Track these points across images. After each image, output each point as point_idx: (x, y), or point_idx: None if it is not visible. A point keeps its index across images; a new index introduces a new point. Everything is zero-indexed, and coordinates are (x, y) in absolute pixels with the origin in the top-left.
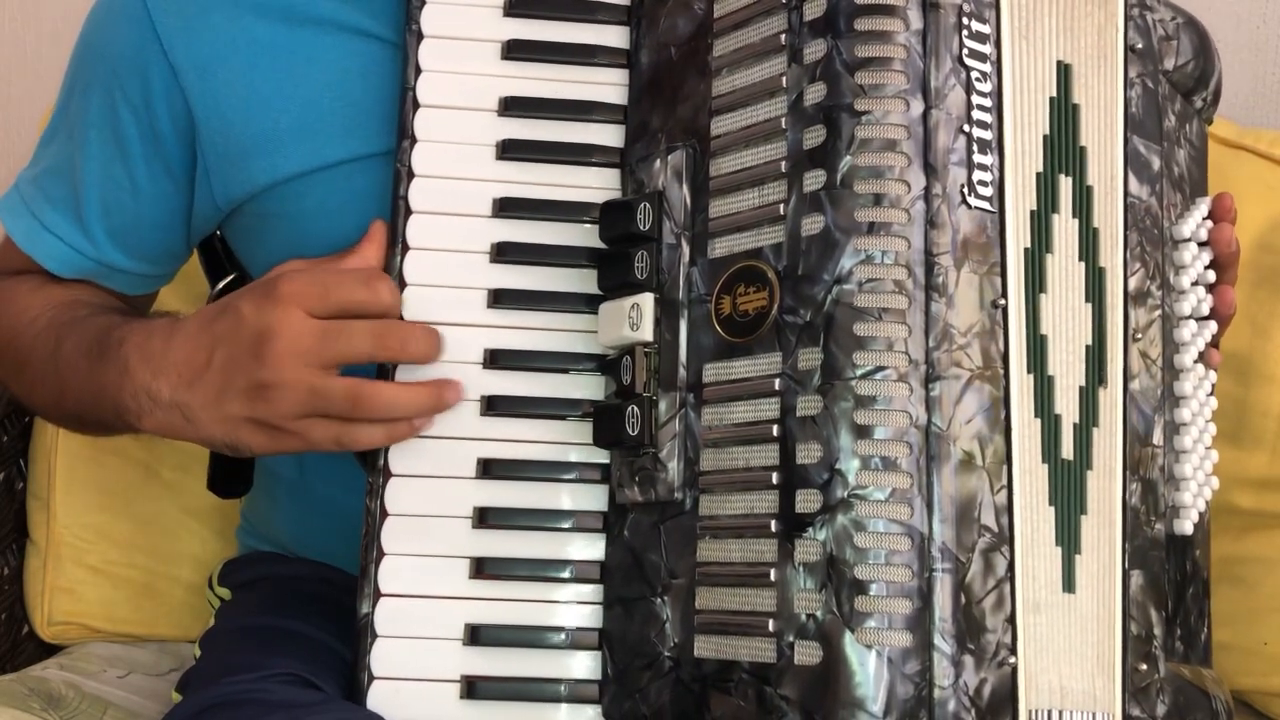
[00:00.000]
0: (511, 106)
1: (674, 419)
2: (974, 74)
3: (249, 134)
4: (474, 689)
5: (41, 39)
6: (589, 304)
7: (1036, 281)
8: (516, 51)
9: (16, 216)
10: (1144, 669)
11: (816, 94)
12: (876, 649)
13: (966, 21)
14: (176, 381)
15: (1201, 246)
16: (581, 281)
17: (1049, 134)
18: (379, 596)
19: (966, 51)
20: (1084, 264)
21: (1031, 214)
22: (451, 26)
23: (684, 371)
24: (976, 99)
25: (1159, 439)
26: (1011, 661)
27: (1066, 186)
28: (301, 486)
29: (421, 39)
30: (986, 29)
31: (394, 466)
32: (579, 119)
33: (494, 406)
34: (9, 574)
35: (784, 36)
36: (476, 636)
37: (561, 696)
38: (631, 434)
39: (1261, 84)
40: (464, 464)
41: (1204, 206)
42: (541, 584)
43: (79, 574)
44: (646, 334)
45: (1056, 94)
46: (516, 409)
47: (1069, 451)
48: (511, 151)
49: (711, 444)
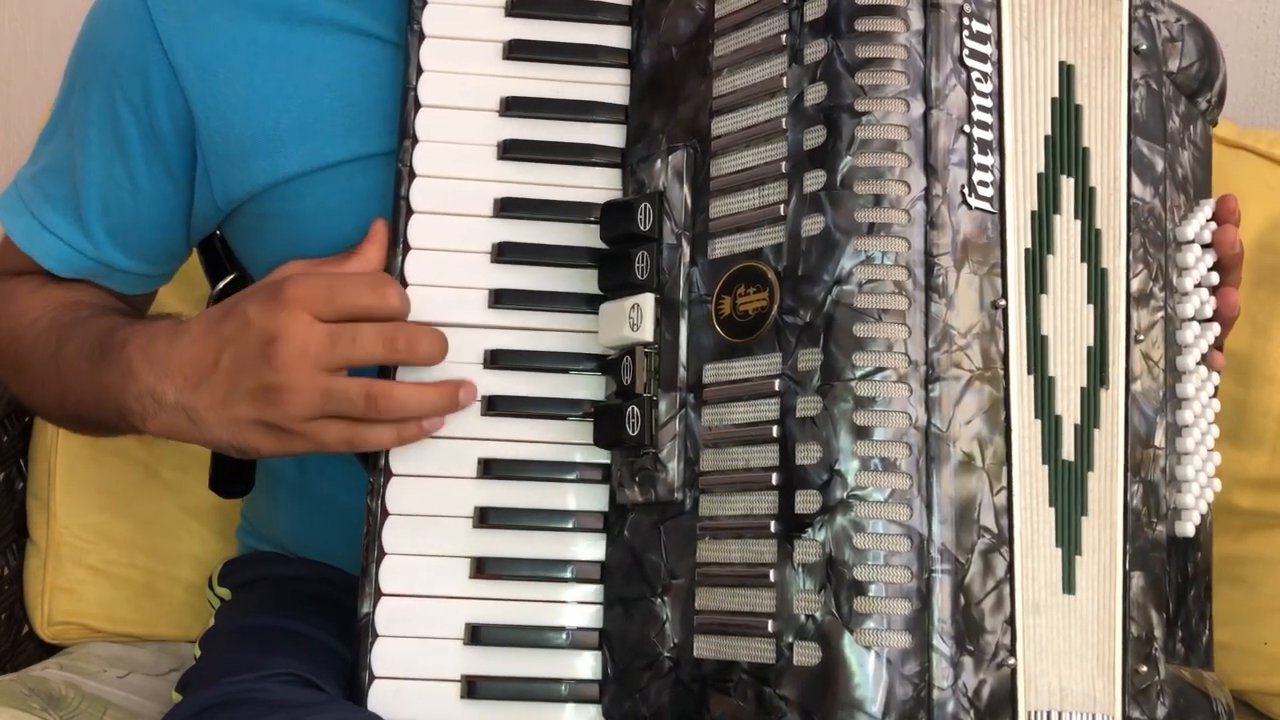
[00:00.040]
0: (513, 106)
1: (674, 419)
2: (975, 74)
3: (249, 134)
4: (474, 689)
5: (41, 39)
6: (589, 304)
7: (1037, 282)
8: (518, 51)
9: (15, 215)
10: (1144, 671)
11: (817, 94)
12: (875, 650)
13: (967, 22)
14: (182, 384)
15: (1205, 248)
16: (582, 281)
17: (1050, 135)
18: (380, 596)
19: (967, 52)
20: (1086, 265)
21: (1032, 215)
22: (453, 26)
23: (684, 372)
24: (977, 99)
25: (1161, 441)
26: (1011, 663)
27: (1069, 187)
28: (302, 486)
29: (423, 39)
30: (987, 29)
31: (395, 466)
32: (580, 119)
33: (495, 406)
34: (9, 574)
35: (785, 37)
36: (477, 636)
37: (562, 696)
38: (632, 434)
39: (1261, 84)
40: (465, 464)
41: (1208, 208)
42: (542, 584)
43: (79, 574)
44: (647, 334)
45: (1059, 95)
46: (517, 409)
47: (1070, 452)
48: (512, 151)
49: (711, 444)
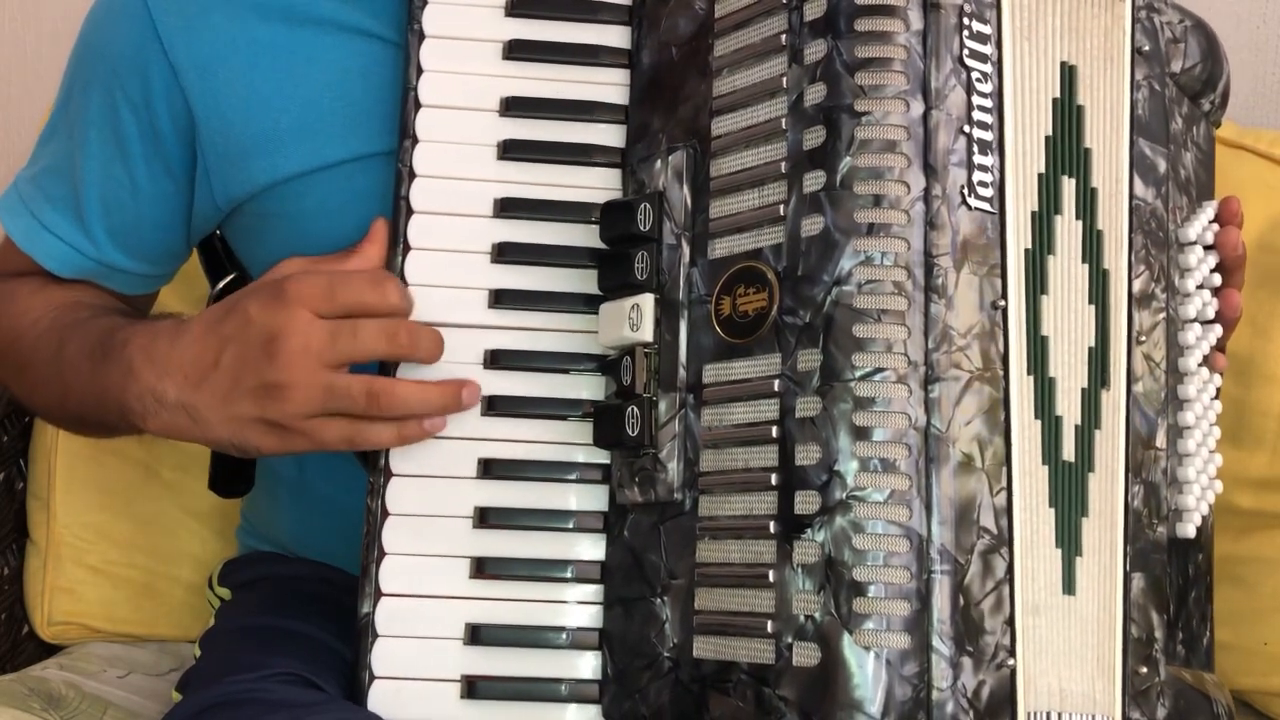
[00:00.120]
0: (513, 106)
1: (674, 419)
2: (975, 74)
3: (249, 134)
4: (474, 689)
5: (41, 39)
6: (589, 304)
7: (1038, 283)
8: (518, 51)
9: (15, 216)
10: (1144, 672)
11: (817, 94)
12: (875, 650)
13: (967, 22)
14: (183, 382)
15: (1207, 250)
16: (582, 282)
17: (1051, 135)
18: (380, 596)
19: (967, 52)
20: (1087, 266)
21: (1033, 215)
22: (453, 26)
23: (684, 372)
24: (977, 99)
25: (1162, 442)
26: (1010, 663)
27: (1070, 188)
28: (302, 486)
29: (423, 39)
30: (988, 29)
31: (395, 466)
32: (580, 119)
33: (495, 406)
34: (9, 574)
35: (784, 37)
36: (477, 636)
37: (562, 696)
38: (631, 434)
39: (1261, 84)
40: (465, 464)
41: (1210, 210)
42: (542, 584)
43: (79, 574)
44: (646, 334)
45: (1060, 95)
46: (517, 409)
47: (1070, 453)
48: (513, 151)
49: (711, 445)
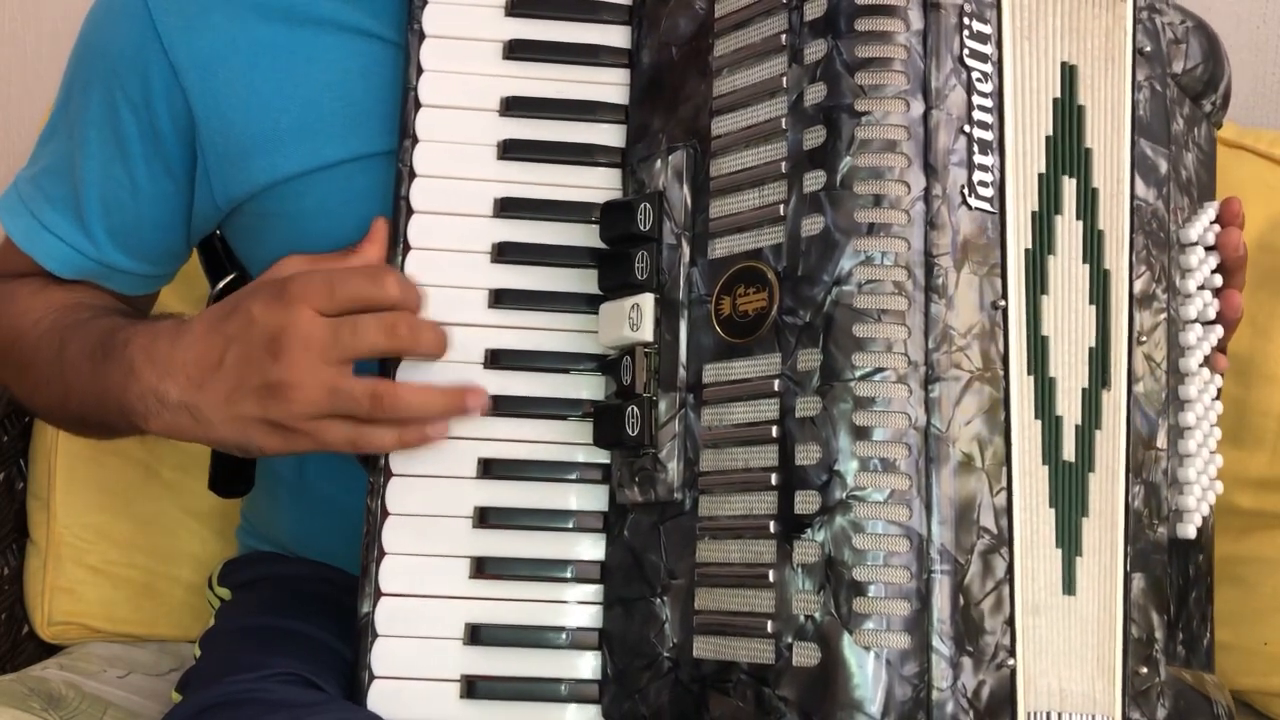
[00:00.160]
0: (513, 106)
1: (674, 419)
2: (975, 74)
3: (249, 133)
4: (474, 688)
5: (41, 39)
6: (589, 304)
7: (1038, 283)
8: (518, 51)
9: (15, 216)
10: (1144, 672)
11: (817, 94)
12: (875, 650)
13: (967, 21)
14: (185, 382)
15: (1208, 250)
16: (582, 281)
17: (1052, 135)
18: (380, 596)
19: (967, 52)
20: (1088, 266)
21: (1033, 215)
22: (453, 26)
23: (684, 372)
24: (977, 99)
25: (1163, 442)
26: (1010, 663)
27: (1070, 188)
28: (302, 486)
29: (423, 39)
30: (988, 29)
31: (395, 466)
32: (580, 119)
33: (495, 406)
34: (9, 574)
35: (784, 37)
36: (477, 636)
37: (562, 696)
38: (631, 434)
39: (1261, 84)
40: (465, 464)
41: (1211, 210)
42: (542, 584)
43: (79, 574)
44: (646, 334)
45: (1060, 95)
46: (517, 409)
47: (1070, 453)
48: (513, 151)
49: (711, 444)
